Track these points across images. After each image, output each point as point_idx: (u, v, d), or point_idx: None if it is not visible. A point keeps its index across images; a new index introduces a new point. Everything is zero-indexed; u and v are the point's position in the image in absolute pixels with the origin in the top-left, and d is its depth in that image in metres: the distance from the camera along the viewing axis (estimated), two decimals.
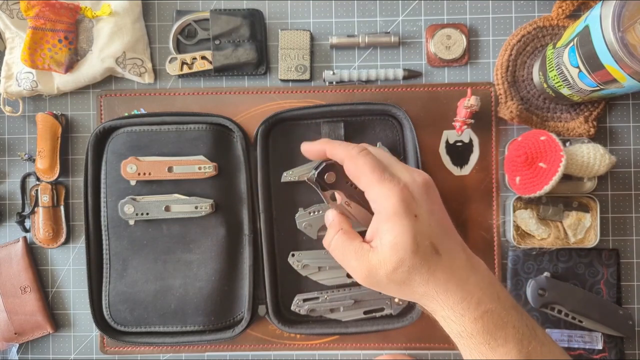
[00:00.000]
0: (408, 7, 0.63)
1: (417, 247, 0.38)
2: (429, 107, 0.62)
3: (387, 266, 0.39)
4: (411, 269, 0.38)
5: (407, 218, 0.38)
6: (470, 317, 0.38)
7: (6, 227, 0.65)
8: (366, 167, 0.40)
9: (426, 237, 0.38)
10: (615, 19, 0.43)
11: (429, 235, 0.39)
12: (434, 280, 0.39)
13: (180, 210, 0.58)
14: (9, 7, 0.61)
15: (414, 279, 0.39)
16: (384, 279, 0.39)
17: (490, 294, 0.39)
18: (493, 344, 0.38)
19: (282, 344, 0.62)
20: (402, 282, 0.39)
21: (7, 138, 0.64)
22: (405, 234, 0.38)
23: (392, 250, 0.38)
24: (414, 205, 0.39)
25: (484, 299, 0.39)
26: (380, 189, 0.39)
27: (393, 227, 0.38)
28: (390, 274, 0.39)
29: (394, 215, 0.38)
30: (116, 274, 0.60)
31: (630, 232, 0.62)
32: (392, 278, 0.39)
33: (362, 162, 0.40)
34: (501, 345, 0.38)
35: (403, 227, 0.38)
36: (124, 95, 0.63)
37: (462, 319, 0.39)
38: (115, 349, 0.63)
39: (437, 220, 0.40)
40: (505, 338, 0.38)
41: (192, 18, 0.62)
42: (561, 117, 0.61)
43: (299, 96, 0.62)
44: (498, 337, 0.38)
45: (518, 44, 0.61)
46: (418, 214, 0.39)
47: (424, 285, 0.39)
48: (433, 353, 0.62)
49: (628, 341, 0.61)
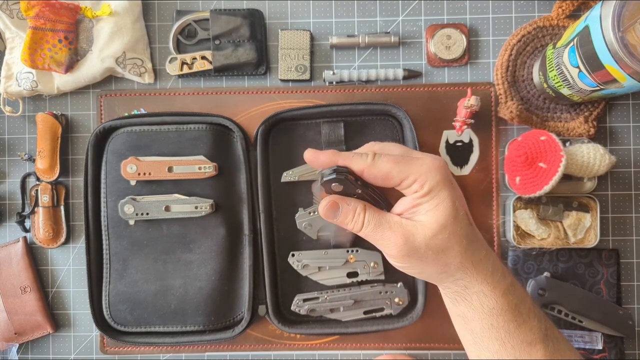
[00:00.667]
0: (408, 7, 0.63)
1: (457, 213, 0.38)
2: (429, 107, 0.62)
3: (427, 232, 0.38)
4: (451, 235, 0.38)
5: (448, 184, 0.39)
6: (500, 290, 0.39)
7: (6, 227, 0.65)
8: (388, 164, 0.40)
9: (462, 205, 0.39)
10: (615, 19, 0.43)
11: (463, 204, 0.40)
12: (470, 250, 0.39)
13: (180, 210, 0.58)
14: (9, 7, 0.61)
15: (453, 248, 0.38)
16: (422, 246, 0.38)
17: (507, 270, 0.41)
18: (520, 321, 0.39)
19: (282, 344, 0.62)
20: (440, 249, 0.38)
21: (7, 138, 0.64)
22: (448, 199, 0.38)
23: (434, 216, 0.38)
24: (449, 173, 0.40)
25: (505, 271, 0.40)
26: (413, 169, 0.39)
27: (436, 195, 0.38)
28: (430, 239, 0.38)
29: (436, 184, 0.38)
30: (116, 274, 0.60)
31: (630, 232, 0.62)
32: (430, 244, 0.38)
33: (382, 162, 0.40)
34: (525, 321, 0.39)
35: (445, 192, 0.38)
36: (124, 95, 0.63)
37: (494, 293, 0.39)
38: (115, 349, 0.63)
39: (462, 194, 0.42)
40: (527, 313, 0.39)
41: (192, 18, 0.62)
42: (561, 117, 0.61)
43: (299, 96, 0.62)
44: (522, 312, 0.39)
45: (518, 44, 0.61)
46: (452, 182, 0.40)
47: (462, 254, 0.39)
48: (433, 353, 0.62)
49: (628, 341, 0.61)
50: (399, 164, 0.39)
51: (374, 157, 0.41)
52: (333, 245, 0.60)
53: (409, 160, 0.40)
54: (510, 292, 0.39)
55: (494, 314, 0.39)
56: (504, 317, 0.39)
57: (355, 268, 0.59)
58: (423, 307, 0.58)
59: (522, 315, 0.39)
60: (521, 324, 0.39)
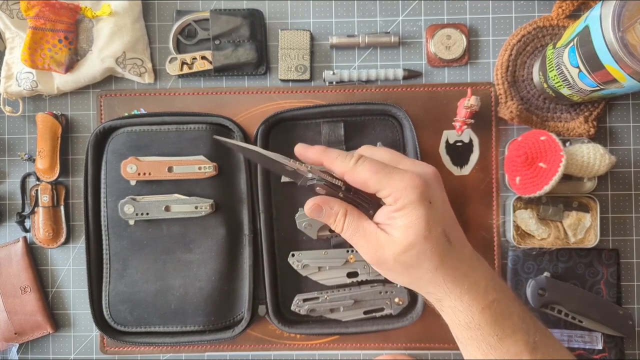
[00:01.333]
0: (408, 7, 0.63)
1: (429, 233, 0.38)
2: (429, 107, 0.62)
3: (396, 247, 0.38)
4: (420, 253, 0.38)
5: (422, 204, 0.38)
6: (478, 306, 0.38)
7: (6, 227, 0.65)
8: (367, 172, 0.39)
9: (439, 223, 0.39)
10: (615, 19, 0.43)
11: (442, 222, 0.39)
12: (443, 268, 0.39)
13: (180, 210, 0.58)
14: (9, 7, 0.61)
15: (422, 265, 0.39)
16: (391, 260, 0.39)
17: (494, 285, 0.40)
18: (501, 335, 0.38)
19: (282, 344, 0.62)
20: (409, 265, 0.39)
21: (7, 138, 0.64)
22: (420, 219, 0.38)
23: (404, 233, 0.38)
24: (429, 192, 0.39)
25: (489, 289, 0.39)
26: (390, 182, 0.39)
27: (408, 213, 0.38)
28: (398, 255, 0.39)
29: (409, 203, 0.38)
30: (116, 274, 0.60)
31: (630, 232, 0.62)
32: (399, 259, 0.39)
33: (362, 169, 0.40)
34: (509, 335, 0.38)
35: (418, 212, 0.38)
36: (124, 95, 0.63)
37: (470, 309, 0.39)
38: (115, 349, 0.63)
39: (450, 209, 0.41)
40: (512, 328, 0.38)
41: (192, 18, 0.62)
42: (561, 117, 0.61)
43: (299, 96, 0.62)
44: (505, 327, 0.38)
45: (518, 44, 0.61)
46: (432, 200, 0.39)
47: (432, 272, 0.39)
48: (433, 353, 0.62)
49: (628, 341, 0.61)
50: (378, 174, 0.39)
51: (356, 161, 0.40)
52: (333, 245, 0.60)
53: (388, 172, 0.39)
54: (491, 308, 0.39)
55: (471, 328, 0.39)
56: (482, 331, 0.39)
57: (355, 268, 0.59)
58: (423, 307, 0.58)
59: (505, 330, 0.38)
60: (503, 338, 0.38)
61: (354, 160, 0.40)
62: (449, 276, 0.39)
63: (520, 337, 0.38)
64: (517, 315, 0.39)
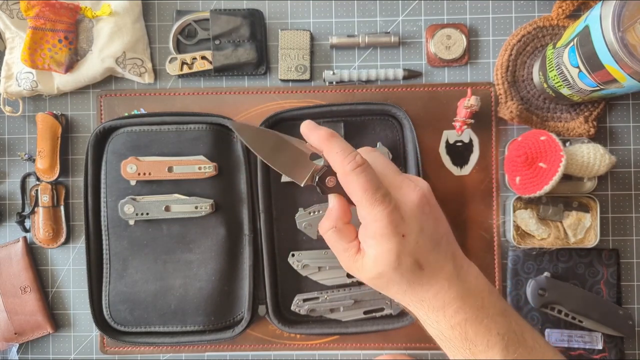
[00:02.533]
0: (408, 7, 0.63)
1: (399, 264, 0.38)
2: (429, 107, 0.62)
3: (368, 273, 0.40)
4: (389, 281, 0.39)
5: (393, 239, 0.38)
6: (446, 324, 0.39)
7: (6, 227, 0.65)
8: (358, 187, 0.39)
9: (411, 254, 0.39)
10: (615, 19, 0.43)
11: (414, 252, 0.39)
12: (410, 292, 0.40)
13: (180, 210, 0.58)
14: (9, 7, 0.61)
15: (392, 288, 0.40)
16: (365, 280, 0.41)
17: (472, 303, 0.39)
18: (474, 350, 0.39)
19: (282, 344, 0.62)
20: (381, 288, 0.41)
21: (7, 138, 0.64)
22: (389, 252, 0.38)
23: (373, 263, 0.39)
24: (403, 226, 0.39)
25: (463, 307, 0.39)
26: (370, 211, 0.39)
27: (377, 244, 0.39)
28: (370, 280, 0.40)
29: (381, 237, 0.38)
30: (116, 274, 0.60)
31: (630, 232, 0.62)
32: (371, 283, 0.41)
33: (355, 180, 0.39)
34: (483, 351, 0.39)
35: (388, 246, 0.38)
36: (124, 95, 0.63)
37: (438, 325, 0.40)
38: (115, 349, 0.63)
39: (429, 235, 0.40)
40: (487, 345, 0.39)
41: (192, 18, 0.62)
42: (561, 117, 0.61)
43: (299, 96, 0.62)
44: (479, 344, 0.39)
45: (518, 44, 0.61)
46: (406, 233, 0.39)
47: (400, 295, 0.40)
48: (433, 353, 0.62)
49: (628, 341, 0.61)
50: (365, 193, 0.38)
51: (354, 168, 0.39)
52: None
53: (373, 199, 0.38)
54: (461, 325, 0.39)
55: (443, 340, 0.40)
56: (453, 344, 0.40)
57: None
58: None
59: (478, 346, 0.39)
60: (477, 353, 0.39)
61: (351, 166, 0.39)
62: (417, 298, 0.40)
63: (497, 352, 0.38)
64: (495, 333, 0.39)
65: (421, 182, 0.42)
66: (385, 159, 0.44)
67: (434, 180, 0.61)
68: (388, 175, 0.42)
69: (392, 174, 0.42)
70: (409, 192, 0.40)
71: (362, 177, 0.39)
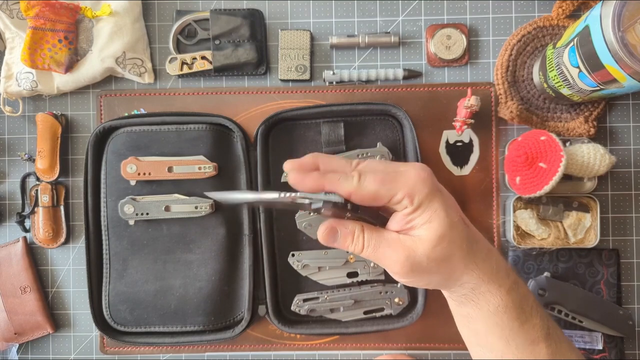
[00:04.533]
0: (408, 7, 0.63)
1: (452, 221, 0.38)
2: (429, 107, 0.62)
3: (426, 245, 0.38)
4: (451, 243, 0.38)
5: (436, 194, 0.38)
6: (505, 288, 0.39)
7: (6, 227, 0.65)
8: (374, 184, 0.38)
9: (454, 210, 0.39)
10: (615, 18, 0.43)
11: (455, 209, 0.39)
12: (472, 252, 0.39)
13: (180, 210, 0.58)
14: (9, 7, 0.61)
15: (455, 254, 0.38)
16: (424, 259, 0.38)
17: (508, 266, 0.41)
18: (522, 318, 0.39)
19: (282, 344, 0.62)
20: (442, 259, 0.38)
21: (7, 138, 0.64)
22: (440, 209, 0.37)
23: (430, 228, 0.38)
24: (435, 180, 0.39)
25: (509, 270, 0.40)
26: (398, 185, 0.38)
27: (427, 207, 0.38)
28: (431, 251, 0.38)
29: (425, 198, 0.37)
30: (116, 274, 0.60)
31: (630, 232, 0.62)
32: (432, 256, 0.38)
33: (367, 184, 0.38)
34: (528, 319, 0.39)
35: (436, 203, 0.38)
36: (124, 95, 0.63)
37: (500, 290, 0.39)
38: (115, 349, 0.63)
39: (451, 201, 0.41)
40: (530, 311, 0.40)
41: (192, 18, 0.62)
42: (561, 117, 0.61)
43: (299, 96, 0.62)
44: (526, 310, 0.39)
45: (518, 44, 0.61)
46: (440, 188, 0.39)
47: (464, 258, 0.39)
48: (433, 353, 0.62)
49: (628, 341, 0.61)
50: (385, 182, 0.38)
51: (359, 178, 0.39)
52: None
53: (393, 176, 0.38)
54: (514, 289, 0.39)
55: (499, 312, 0.39)
56: (508, 314, 0.39)
57: (355, 268, 0.59)
58: (423, 307, 0.58)
59: (525, 313, 0.39)
60: (524, 322, 0.39)
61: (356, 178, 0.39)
62: (479, 260, 0.39)
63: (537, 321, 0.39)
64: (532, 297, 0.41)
65: None
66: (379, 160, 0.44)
67: None
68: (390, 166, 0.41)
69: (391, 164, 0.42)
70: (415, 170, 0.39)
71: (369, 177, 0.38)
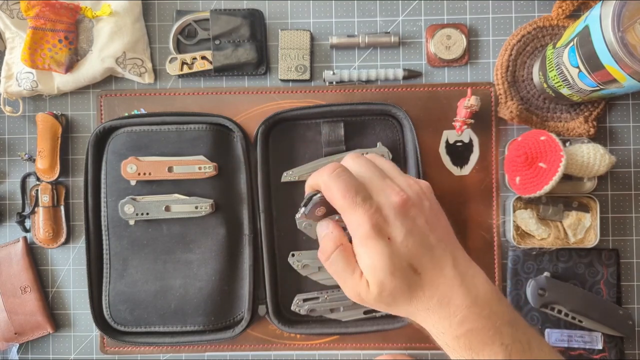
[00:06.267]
0: (408, 7, 0.63)
1: (394, 268, 0.38)
2: (429, 107, 0.62)
3: (373, 291, 0.39)
4: (393, 291, 0.38)
5: (380, 241, 0.38)
6: (451, 335, 0.38)
7: (6, 227, 0.65)
8: (338, 192, 0.38)
9: (403, 258, 0.38)
10: (615, 18, 0.43)
11: (405, 255, 0.38)
12: (416, 299, 0.39)
13: (180, 210, 0.58)
14: (9, 7, 0.61)
15: (399, 300, 0.39)
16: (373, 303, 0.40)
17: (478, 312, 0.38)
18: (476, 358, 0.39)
19: (282, 344, 0.62)
20: (389, 304, 0.40)
21: (7, 138, 0.64)
22: (381, 256, 0.38)
23: (371, 274, 0.38)
24: (387, 228, 0.38)
25: (468, 318, 0.38)
26: (351, 216, 0.38)
27: (367, 250, 0.38)
28: (377, 298, 0.39)
29: (367, 239, 0.38)
30: (116, 274, 0.60)
31: (630, 232, 0.62)
32: (379, 301, 0.39)
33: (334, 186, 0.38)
34: None
35: (376, 249, 0.38)
36: (124, 95, 0.63)
37: (444, 336, 0.39)
38: (115, 349, 0.63)
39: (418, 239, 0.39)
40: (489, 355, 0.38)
41: (192, 18, 0.62)
42: (561, 117, 0.61)
43: (299, 96, 0.62)
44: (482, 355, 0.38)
45: (518, 44, 0.61)
46: (391, 236, 0.38)
47: (407, 304, 0.39)
48: (433, 353, 0.62)
49: (628, 341, 0.61)
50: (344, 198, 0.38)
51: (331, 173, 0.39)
52: None
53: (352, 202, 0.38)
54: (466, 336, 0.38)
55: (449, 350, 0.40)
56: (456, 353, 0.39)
57: None
58: None
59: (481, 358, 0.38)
60: None
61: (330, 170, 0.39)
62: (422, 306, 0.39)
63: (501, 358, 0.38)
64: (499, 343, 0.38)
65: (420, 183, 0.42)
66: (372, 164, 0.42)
67: (434, 181, 0.61)
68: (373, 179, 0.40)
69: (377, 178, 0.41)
70: (391, 194, 0.39)
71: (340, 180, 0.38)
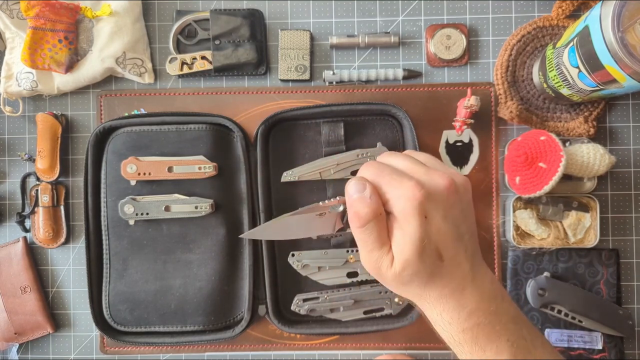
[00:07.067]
0: (408, 7, 0.63)
1: (423, 250, 0.38)
2: (429, 107, 0.62)
3: (396, 268, 0.39)
4: (415, 272, 0.38)
5: (417, 219, 0.38)
6: (458, 327, 0.39)
7: (6, 227, 0.65)
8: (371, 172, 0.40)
9: (433, 241, 0.38)
10: (615, 19, 0.43)
11: (435, 239, 0.39)
12: (430, 286, 0.39)
13: (180, 210, 0.58)
14: (9, 7, 0.61)
15: (415, 282, 0.39)
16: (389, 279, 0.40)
17: (485, 307, 0.39)
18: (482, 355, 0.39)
19: (282, 344, 0.62)
20: (404, 284, 0.40)
21: (7, 138, 0.64)
22: (415, 234, 0.38)
23: (400, 252, 0.38)
24: (426, 205, 0.38)
25: (477, 311, 0.39)
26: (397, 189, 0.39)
27: (404, 225, 0.38)
28: (396, 276, 0.39)
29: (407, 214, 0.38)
30: (116, 274, 0.60)
31: (630, 232, 0.62)
32: (395, 279, 0.39)
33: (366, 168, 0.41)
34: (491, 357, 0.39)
35: (413, 226, 0.38)
36: (124, 95, 0.63)
37: (450, 327, 0.39)
38: (115, 349, 0.63)
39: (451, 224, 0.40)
40: (496, 351, 0.39)
41: (192, 18, 0.62)
42: (561, 117, 0.61)
43: (299, 96, 0.62)
44: (488, 350, 0.39)
45: (518, 44, 0.61)
46: (429, 215, 0.38)
47: (421, 289, 0.40)
48: (433, 353, 0.62)
49: (628, 341, 0.61)
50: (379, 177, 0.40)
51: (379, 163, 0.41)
52: (333, 245, 0.60)
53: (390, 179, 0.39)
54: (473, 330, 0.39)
55: (452, 343, 0.40)
56: (461, 348, 0.40)
57: (355, 268, 0.59)
58: None
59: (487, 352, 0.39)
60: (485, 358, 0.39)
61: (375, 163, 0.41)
62: (435, 293, 0.40)
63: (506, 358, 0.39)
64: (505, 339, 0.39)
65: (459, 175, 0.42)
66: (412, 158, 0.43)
67: None
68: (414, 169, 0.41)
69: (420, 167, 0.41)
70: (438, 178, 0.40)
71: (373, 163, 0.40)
